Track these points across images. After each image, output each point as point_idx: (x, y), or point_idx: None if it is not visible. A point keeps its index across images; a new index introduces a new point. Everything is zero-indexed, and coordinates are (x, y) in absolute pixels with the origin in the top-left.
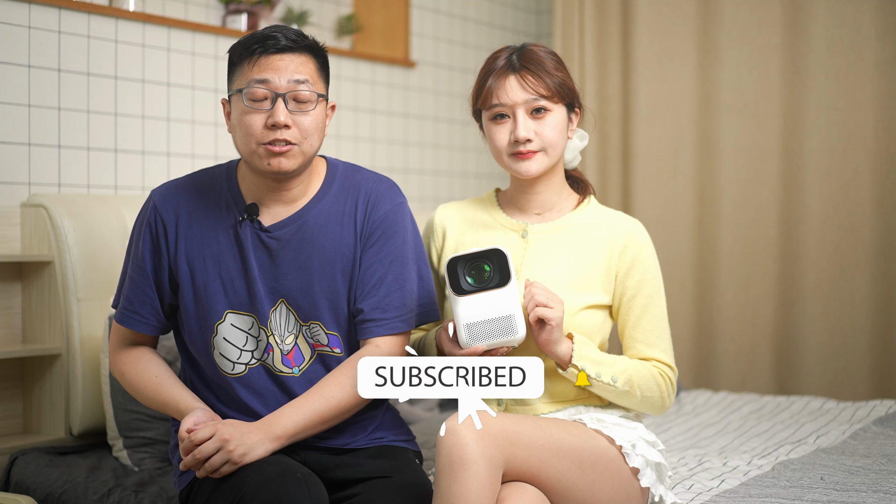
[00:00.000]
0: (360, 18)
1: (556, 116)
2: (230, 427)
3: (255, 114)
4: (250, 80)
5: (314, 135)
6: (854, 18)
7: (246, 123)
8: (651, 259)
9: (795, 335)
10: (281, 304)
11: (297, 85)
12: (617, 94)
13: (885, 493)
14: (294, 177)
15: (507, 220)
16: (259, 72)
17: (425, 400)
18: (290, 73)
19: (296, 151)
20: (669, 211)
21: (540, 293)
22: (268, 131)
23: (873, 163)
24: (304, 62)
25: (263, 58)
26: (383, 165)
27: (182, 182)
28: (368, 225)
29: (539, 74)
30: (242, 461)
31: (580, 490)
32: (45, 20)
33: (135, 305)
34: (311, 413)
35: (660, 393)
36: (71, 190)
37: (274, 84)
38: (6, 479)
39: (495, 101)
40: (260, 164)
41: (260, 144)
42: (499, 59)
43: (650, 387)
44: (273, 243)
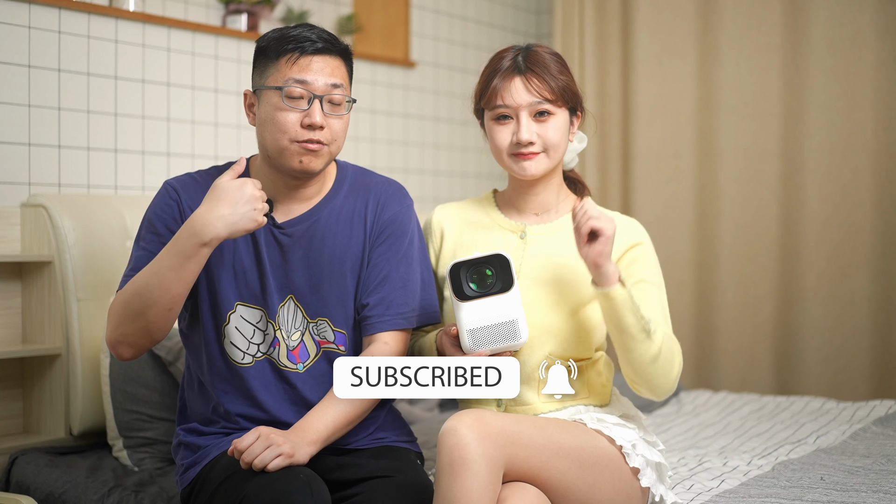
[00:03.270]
0: (360, 18)
1: (559, 120)
2: (268, 428)
3: (291, 112)
4: (288, 79)
5: (342, 137)
6: (854, 18)
7: (280, 120)
8: (650, 254)
9: (795, 335)
10: (289, 300)
11: (333, 88)
12: (617, 94)
13: (885, 493)
14: (315, 176)
15: (506, 221)
16: (298, 71)
17: (425, 400)
18: (326, 75)
19: (325, 152)
20: (669, 211)
21: (592, 208)
22: (303, 130)
23: (873, 163)
24: (339, 66)
25: (303, 57)
26: (383, 165)
27: (196, 175)
28: (378, 225)
29: (544, 77)
30: (295, 456)
31: (580, 490)
32: (45, 20)
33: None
34: (339, 415)
35: (673, 360)
36: (71, 190)
37: (312, 86)
38: (6, 479)
39: (499, 101)
40: (290, 162)
41: (293, 142)
42: (504, 59)
43: (669, 347)
44: (285, 239)
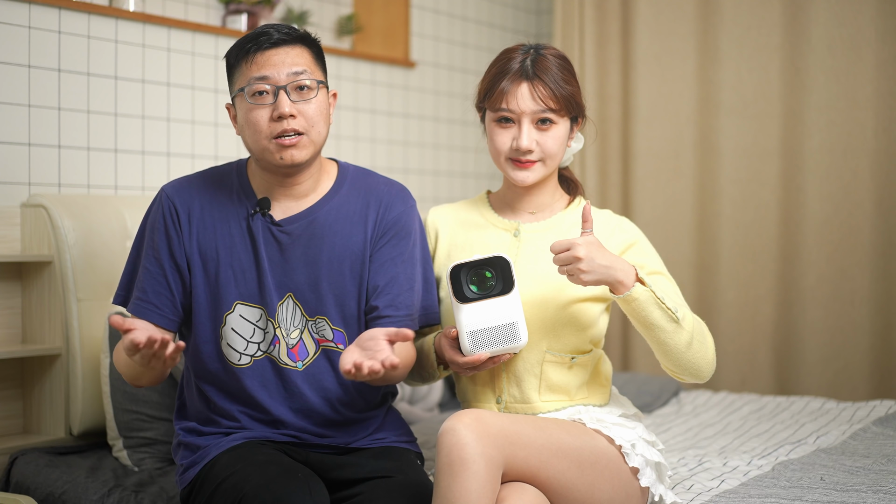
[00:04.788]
0: (360, 18)
1: (560, 129)
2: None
3: (259, 109)
4: (250, 78)
5: (320, 121)
6: (854, 19)
7: (252, 120)
8: (648, 247)
9: (795, 335)
10: (288, 298)
11: (296, 76)
12: (617, 94)
13: (885, 494)
14: (304, 169)
15: (499, 220)
16: (258, 69)
17: (425, 400)
18: (287, 65)
19: (305, 141)
20: (669, 211)
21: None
22: (275, 124)
23: (873, 163)
24: (300, 53)
25: (259, 54)
26: (383, 165)
27: (192, 178)
28: (381, 225)
29: (551, 87)
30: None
31: (580, 490)
32: (45, 20)
33: (149, 296)
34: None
35: (705, 340)
36: (71, 190)
37: (274, 78)
38: (6, 479)
39: (504, 105)
40: (273, 160)
41: (270, 140)
42: (513, 60)
43: (700, 329)
44: (284, 237)
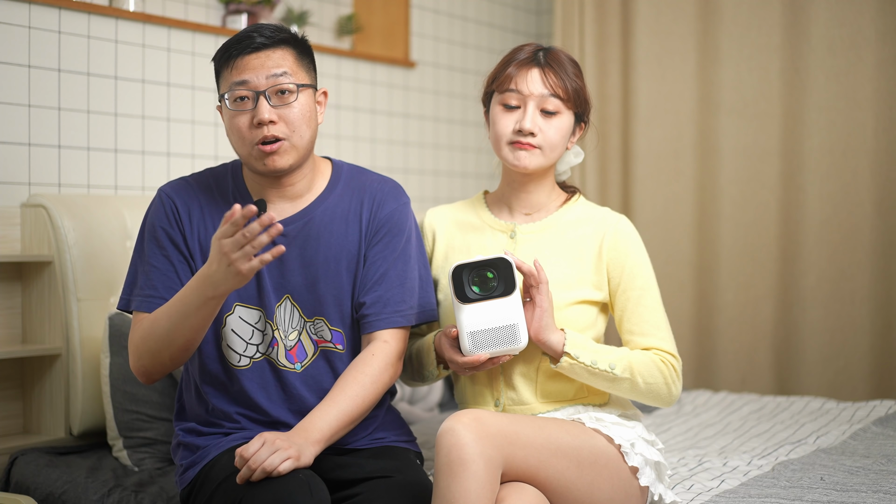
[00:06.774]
0: (360, 18)
1: (564, 121)
2: (272, 433)
3: (240, 115)
4: (231, 83)
5: (302, 126)
6: (854, 19)
7: (235, 126)
8: (639, 252)
9: (795, 335)
10: (286, 300)
11: (276, 79)
12: (617, 94)
13: (885, 494)
14: (292, 172)
15: (496, 221)
16: (238, 74)
17: (425, 400)
18: (267, 69)
19: (286, 146)
20: (669, 211)
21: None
22: (256, 130)
23: (873, 163)
24: (282, 55)
25: (239, 59)
26: (383, 165)
27: (189, 179)
28: (374, 223)
29: (561, 76)
30: (301, 458)
31: (579, 489)
32: (45, 20)
33: (161, 291)
34: (341, 414)
35: (664, 379)
36: (71, 190)
37: (253, 83)
38: (6, 479)
39: (512, 86)
40: (257, 166)
41: (253, 146)
42: (524, 50)
43: (652, 373)
44: (280, 239)
